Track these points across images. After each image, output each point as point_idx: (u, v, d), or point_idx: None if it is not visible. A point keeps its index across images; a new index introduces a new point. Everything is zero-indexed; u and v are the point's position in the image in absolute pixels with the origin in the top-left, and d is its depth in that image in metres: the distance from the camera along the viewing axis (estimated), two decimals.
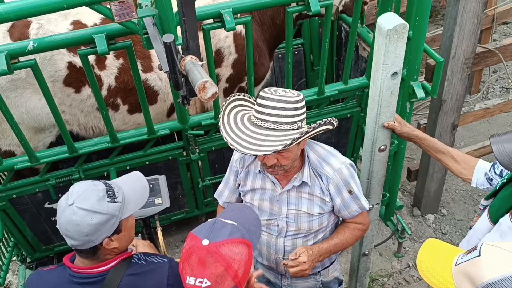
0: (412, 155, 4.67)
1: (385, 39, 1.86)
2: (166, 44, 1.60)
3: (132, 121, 3.21)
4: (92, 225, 1.61)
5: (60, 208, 1.64)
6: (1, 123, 2.87)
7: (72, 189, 1.66)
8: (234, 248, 1.41)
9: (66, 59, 2.81)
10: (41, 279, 1.79)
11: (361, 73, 3.69)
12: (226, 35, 3.15)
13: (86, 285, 1.71)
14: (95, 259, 1.73)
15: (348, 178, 2.09)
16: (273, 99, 1.87)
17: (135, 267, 1.76)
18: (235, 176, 2.25)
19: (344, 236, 2.21)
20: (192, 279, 1.38)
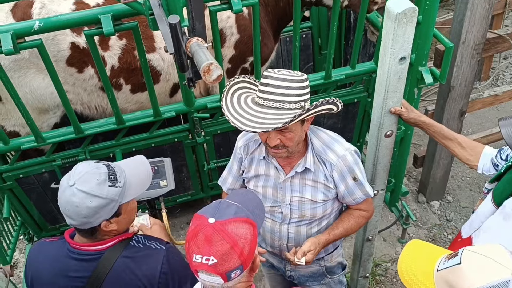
0: (419, 141, 4.65)
1: (394, 23, 1.83)
2: (172, 25, 1.59)
3: (135, 100, 3.22)
4: (91, 208, 1.62)
5: (61, 188, 1.65)
6: (5, 103, 2.89)
7: (75, 169, 1.67)
8: (239, 227, 1.42)
9: (69, 39, 2.81)
10: (42, 249, 1.84)
11: (369, 57, 3.65)
12: (228, 15, 3.12)
13: (83, 261, 1.74)
14: (93, 239, 1.75)
15: (353, 165, 2.07)
16: (276, 78, 1.85)
17: (132, 250, 1.78)
18: (239, 163, 2.24)
19: (348, 225, 2.21)
20: (198, 257, 1.38)
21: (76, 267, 1.74)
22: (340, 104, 1.96)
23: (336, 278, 2.52)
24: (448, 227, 3.95)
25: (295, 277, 2.47)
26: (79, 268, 1.74)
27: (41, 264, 1.80)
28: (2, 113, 2.93)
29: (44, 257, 1.81)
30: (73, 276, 1.75)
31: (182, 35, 1.69)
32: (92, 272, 1.73)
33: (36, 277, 1.81)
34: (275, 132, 1.88)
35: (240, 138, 2.24)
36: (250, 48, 3.10)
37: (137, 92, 3.15)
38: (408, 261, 1.54)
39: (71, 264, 1.74)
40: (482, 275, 1.28)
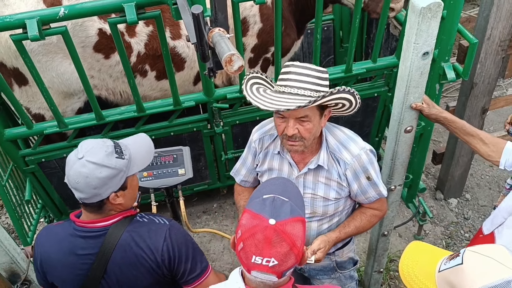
0: (439, 138, 4.60)
1: (418, 17, 1.80)
2: (194, 15, 1.60)
3: (160, 87, 3.25)
4: (100, 178, 1.67)
5: (70, 162, 1.69)
6: (32, 86, 2.94)
7: (82, 145, 1.72)
8: (296, 226, 1.42)
9: (97, 25, 2.84)
10: (50, 232, 1.89)
11: (391, 52, 3.62)
12: (252, 4, 3.12)
13: (89, 238, 1.78)
14: (100, 214, 1.79)
15: (367, 164, 2.06)
16: (298, 66, 1.87)
17: (136, 224, 1.83)
18: (253, 156, 2.24)
19: (360, 223, 2.20)
20: (259, 259, 1.37)
21: (83, 245, 1.79)
22: (357, 98, 1.95)
23: (346, 273, 2.52)
24: (465, 225, 3.92)
25: (305, 270, 2.48)
26: (86, 245, 1.78)
27: (49, 246, 1.84)
28: (28, 96, 2.99)
29: (51, 239, 1.86)
30: (81, 254, 1.79)
31: (205, 25, 1.70)
32: (99, 248, 1.78)
33: (45, 258, 1.85)
34: (294, 121, 1.89)
35: (255, 131, 2.23)
36: (272, 37, 3.09)
37: (162, 79, 3.18)
38: (409, 262, 1.55)
39: (78, 242, 1.79)
40: (484, 275, 1.28)
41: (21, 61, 2.79)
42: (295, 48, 3.51)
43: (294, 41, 3.39)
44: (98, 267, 1.78)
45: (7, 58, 2.77)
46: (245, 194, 2.37)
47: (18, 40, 2.28)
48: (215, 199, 4.04)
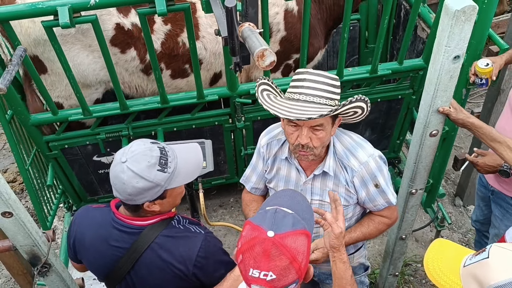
0: (460, 143, 4.54)
1: (451, 20, 1.78)
2: (228, 8, 1.60)
3: (174, 85, 3.27)
4: (136, 188, 1.65)
5: (114, 161, 1.70)
6: (51, 75, 2.98)
7: (130, 147, 1.70)
8: (297, 240, 1.36)
9: (115, 20, 2.85)
10: (88, 215, 1.91)
11: (417, 54, 3.58)
12: (276, 12, 3.11)
13: (124, 233, 1.80)
14: (136, 215, 1.80)
15: (375, 171, 2.03)
16: (313, 73, 1.85)
17: (172, 230, 1.82)
18: (263, 161, 2.22)
19: (367, 229, 2.16)
20: (256, 272, 1.32)
21: (117, 237, 1.81)
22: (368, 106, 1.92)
23: (357, 279, 2.49)
24: None
25: (315, 274, 2.46)
26: (119, 238, 1.81)
27: (86, 228, 1.88)
28: (47, 85, 3.02)
29: (89, 221, 1.88)
30: (113, 245, 1.82)
31: (237, 19, 1.70)
32: (131, 245, 1.79)
33: (79, 239, 1.89)
34: (308, 129, 1.87)
35: (263, 136, 2.21)
36: (295, 46, 3.08)
37: (177, 78, 3.19)
38: (435, 256, 1.54)
39: (113, 233, 1.81)
40: (510, 269, 1.26)
41: (40, 49, 2.83)
42: (319, 56, 3.49)
43: (317, 50, 3.37)
44: (126, 263, 1.80)
45: (27, 46, 2.79)
46: (254, 205, 2.31)
47: (49, 26, 2.31)
48: (232, 194, 4.06)
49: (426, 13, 3.30)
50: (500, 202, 2.83)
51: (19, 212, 2.07)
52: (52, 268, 2.12)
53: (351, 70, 3.05)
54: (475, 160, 2.57)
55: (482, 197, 3.06)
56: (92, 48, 2.84)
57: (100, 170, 3.28)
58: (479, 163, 2.55)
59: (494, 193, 2.87)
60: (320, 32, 3.30)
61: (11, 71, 1.96)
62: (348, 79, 3.03)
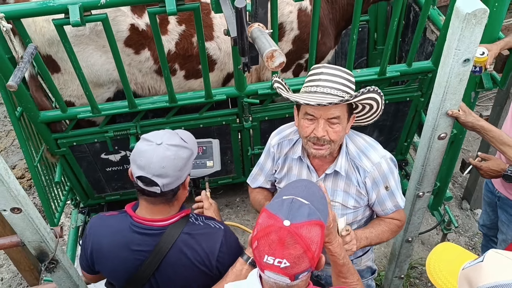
0: (468, 146, 4.52)
1: (462, 23, 1.77)
2: (238, 9, 1.60)
3: (187, 86, 3.28)
4: (184, 158, 1.76)
5: (148, 151, 1.72)
6: (64, 74, 3.00)
7: (153, 134, 1.77)
8: (312, 230, 1.40)
9: (129, 21, 2.87)
10: (104, 223, 1.90)
11: (425, 56, 3.56)
12: (290, 11, 3.11)
13: (146, 236, 1.80)
14: (169, 205, 1.82)
15: (387, 173, 2.04)
16: (329, 67, 1.88)
17: (192, 226, 1.85)
18: (272, 161, 2.23)
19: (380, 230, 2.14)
20: (270, 259, 1.36)
21: (139, 241, 1.81)
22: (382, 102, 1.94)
23: (364, 282, 2.49)
24: None
25: (322, 277, 2.46)
26: (141, 242, 1.81)
27: (103, 237, 1.87)
28: (60, 83, 3.05)
29: (105, 230, 1.87)
30: (135, 250, 1.82)
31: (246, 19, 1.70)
32: (154, 247, 1.80)
33: (97, 249, 1.88)
34: (325, 122, 1.88)
35: (274, 136, 2.22)
36: (307, 45, 3.08)
37: (191, 78, 3.20)
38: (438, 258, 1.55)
39: (134, 238, 1.81)
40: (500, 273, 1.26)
41: (54, 49, 2.85)
42: (329, 56, 3.49)
43: (329, 50, 3.37)
44: (151, 265, 1.81)
45: (41, 45, 2.82)
46: (264, 193, 2.32)
47: (59, 24, 2.32)
48: (238, 193, 4.06)
49: (435, 15, 3.29)
50: (507, 208, 2.82)
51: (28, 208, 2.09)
52: (59, 265, 2.14)
53: (359, 72, 3.05)
54: (479, 165, 2.56)
55: (488, 202, 3.05)
56: (106, 48, 2.86)
57: (107, 168, 3.29)
58: (483, 167, 2.54)
59: (501, 199, 2.86)
60: (331, 31, 3.30)
61: (22, 69, 1.97)
62: (356, 81, 2.96)
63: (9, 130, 5.22)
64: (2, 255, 3.93)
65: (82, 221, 3.59)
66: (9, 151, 4.94)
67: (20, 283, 3.75)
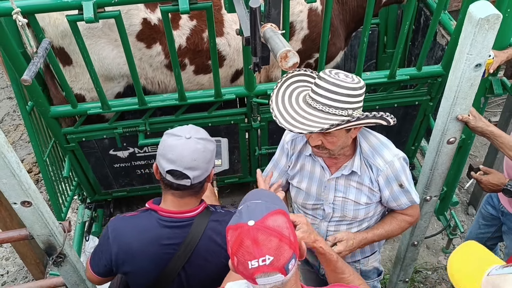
0: (475, 152, 4.51)
1: (474, 28, 1.78)
2: (252, 8, 1.61)
3: (196, 81, 3.29)
4: (212, 151, 1.84)
5: (178, 146, 1.76)
6: (75, 67, 3.02)
7: (178, 130, 1.82)
8: (277, 219, 1.42)
9: (142, 15, 2.89)
10: (128, 224, 1.89)
11: (435, 61, 3.56)
12: (300, 10, 3.12)
13: (175, 228, 1.83)
14: (196, 197, 1.86)
15: (400, 171, 2.04)
16: (329, 82, 1.82)
17: (217, 214, 1.91)
18: (286, 157, 2.23)
19: (390, 227, 2.18)
20: (254, 262, 1.36)
21: (169, 235, 1.83)
22: (393, 120, 1.91)
23: (370, 283, 2.49)
24: None
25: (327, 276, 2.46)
26: (172, 235, 1.83)
27: (130, 237, 1.86)
28: (71, 76, 3.07)
29: (131, 230, 1.87)
30: (165, 244, 1.83)
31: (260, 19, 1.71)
32: (184, 238, 1.82)
33: (125, 250, 1.87)
34: (317, 134, 1.87)
35: (288, 132, 2.22)
36: (317, 45, 3.09)
37: (200, 74, 3.21)
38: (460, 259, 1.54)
39: (164, 232, 1.82)
40: None
41: (66, 41, 2.87)
42: (338, 58, 3.49)
43: (339, 50, 3.38)
44: (181, 257, 1.83)
45: (54, 38, 2.85)
46: None
47: (73, 20, 2.34)
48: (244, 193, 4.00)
49: (446, 20, 3.29)
50: (510, 225, 2.83)
51: (37, 202, 2.11)
52: (66, 259, 2.16)
53: (369, 74, 3.05)
54: (479, 178, 2.57)
55: (484, 215, 3.05)
56: (118, 42, 2.87)
57: (115, 164, 3.31)
58: (483, 180, 2.54)
59: (504, 214, 2.86)
60: (341, 32, 3.31)
61: (36, 63, 1.99)
62: (366, 83, 2.95)
63: (17, 124, 5.26)
64: (8, 248, 3.95)
65: (89, 217, 3.61)
66: (17, 145, 4.97)
67: (25, 277, 3.77)
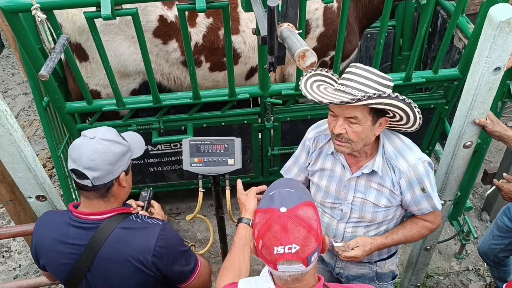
0: (490, 157, 4.45)
1: (495, 31, 1.75)
2: (270, 8, 1.61)
3: (212, 78, 3.30)
4: (116, 153, 1.75)
5: (81, 145, 1.73)
6: (91, 63, 3.04)
7: (87, 132, 1.78)
8: (308, 210, 1.45)
9: (159, 12, 2.91)
10: (48, 218, 1.92)
11: (452, 64, 3.53)
12: (316, 8, 3.11)
13: (81, 229, 1.80)
14: (104, 200, 1.80)
15: (423, 176, 2.00)
16: (360, 68, 1.86)
17: (129, 222, 1.83)
18: (307, 154, 2.23)
19: (409, 232, 2.15)
20: (280, 248, 1.39)
21: (75, 235, 1.80)
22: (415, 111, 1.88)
23: (384, 286, 2.47)
24: None
25: (343, 275, 2.45)
26: (77, 235, 1.80)
27: (44, 231, 1.87)
28: (87, 72, 3.10)
29: (47, 224, 1.88)
30: (71, 243, 1.81)
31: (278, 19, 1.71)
32: (89, 240, 1.79)
33: (39, 242, 1.88)
34: (343, 120, 1.87)
35: (311, 129, 2.22)
36: (333, 42, 3.08)
37: (215, 71, 3.22)
38: None
39: (70, 231, 1.80)
40: None
41: (83, 37, 2.90)
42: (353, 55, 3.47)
43: (355, 48, 3.36)
44: (85, 259, 1.79)
45: (71, 33, 2.88)
46: None
47: (91, 17, 2.36)
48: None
49: (464, 23, 3.26)
50: None
51: (52, 196, 2.13)
52: None
53: None
54: (501, 185, 2.52)
55: (500, 226, 3.00)
56: (134, 39, 2.89)
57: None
58: (504, 188, 2.50)
59: None
60: (357, 29, 3.29)
61: (54, 59, 2.01)
62: None
63: (32, 120, 5.31)
64: (21, 241, 3.99)
65: None
66: (31, 141, 5.02)
67: (37, 271, 3.80)
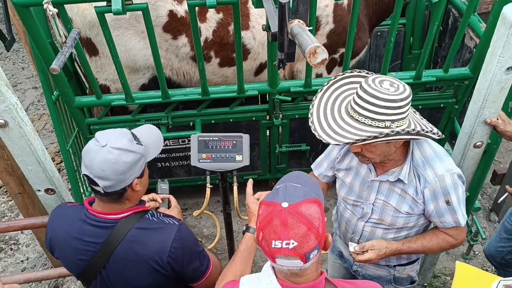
0: (499, 158, 4.42)
1: (508, 30, 1.74)
2: (282, 4, 1.60)
3: (221, 73, 3.31)
4: (127, 163, 1.70)
5: (92, 152, 1.69)
6: (101, 57, 3.05)
7: (100, 135, 1.73)
8: (311, 207, 1.43)
9: (169, 7, 2.91)
10: (62, 212, 1.91)
11: (462, 63, 3.50)
12: (326, 4, 3.10)
13: (98, 228, 1.80)
14: (117, 203, 1.79)
15: (449, 188, 1.93)
16: (368, 92, 1.75)
17: (145, 222, 1.82)
18: (338, 149, 2.19)
19: (428, 243, 2.08)
20: (278, 242, 1.39)
21: (90, 233, 1.80)
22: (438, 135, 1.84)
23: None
24: None
25: (360, 274, 2.43)
26: (93, 233, 1.80)
27: (58, 225, 1.88)
28: (97, 66, 3.11)
29: (62, 219, 1.88)
30: (87, 241, 1.81)
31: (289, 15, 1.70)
32: (105, 239, 1.79)
33: (53, 236, 1.89)
34: None
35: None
36: (342, 39, 3.06)
37: (225, 66, 3.22)
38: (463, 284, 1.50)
39: (87, 229, 1.81)
40: None
41: (94, 32, 2.91)
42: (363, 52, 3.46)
43: (365, 45, 3.35)
44: (101, 257, 1.80)
45: (82, 28, 2.89)
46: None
47: (101, 12, 2.36)
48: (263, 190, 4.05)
49: (476, 22, 3.22)
50: None
51: (61, 190, 2.14)
52: None
53: (394, 75, 3.01)
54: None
55: (507, 228, 2.98)
56: (144, 34, 2.89)
57: None
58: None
59: None
60: (367, 27, 3.28)
61: (65, 53, 2.02)
62: None
63: (41, 114, 5.34)
64: (29, 234, 4.02)
65: None
66: (40, 135, 5.05)
67: (44, 264, 3.83)
